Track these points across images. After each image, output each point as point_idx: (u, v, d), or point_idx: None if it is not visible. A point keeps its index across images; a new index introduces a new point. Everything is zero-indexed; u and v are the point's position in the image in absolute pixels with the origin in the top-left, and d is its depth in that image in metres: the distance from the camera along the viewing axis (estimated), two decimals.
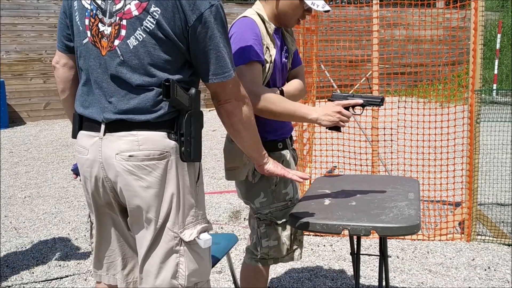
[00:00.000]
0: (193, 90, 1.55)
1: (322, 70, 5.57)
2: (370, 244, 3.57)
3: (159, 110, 1.52)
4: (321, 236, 3.70)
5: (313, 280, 3.04)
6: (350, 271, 3.15)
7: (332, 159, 4.54)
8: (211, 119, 9.91)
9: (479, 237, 3.58)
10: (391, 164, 5.28)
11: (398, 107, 4.47)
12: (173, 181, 1.54)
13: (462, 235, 3.60)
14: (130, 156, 1.50)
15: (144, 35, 1.48)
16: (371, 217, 1.84)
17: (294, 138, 3.90)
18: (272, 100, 1.85)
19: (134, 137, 1.51)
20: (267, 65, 1.93)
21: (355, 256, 2.22)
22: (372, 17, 3.68)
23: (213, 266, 2.26)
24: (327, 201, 2.06)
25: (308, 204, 2.03)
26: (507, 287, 2.93)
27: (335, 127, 1.99)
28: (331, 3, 12.14)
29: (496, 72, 10.77)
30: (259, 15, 1.97)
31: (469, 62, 3.45)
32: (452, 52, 4.32)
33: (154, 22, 1.47)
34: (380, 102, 1.99)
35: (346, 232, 1.80)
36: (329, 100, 2.02)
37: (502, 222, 3.88)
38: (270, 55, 1.94)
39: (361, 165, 4.59)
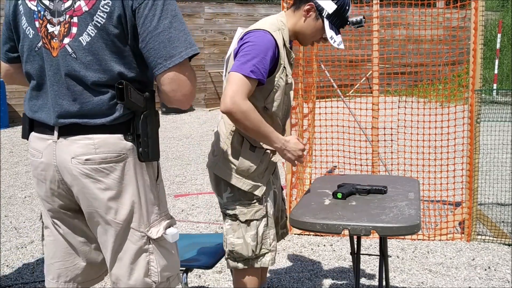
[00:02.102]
0: (148, 92, 1.55)
1: (322, 70, 5.56)
2: (370, 244, 3.57)
3: (114, 113, 1.51)
4: (321, 236, 3.70)
5: (313, 280, 3.04)
6: (350, 271, 3.15)
7: (332, 159, 4.54)
8: (211, 118, 9.91)
9: (479, 237, 3.58)
10: (391, 164, 5.28)
11: (398, 107, 4.47)
12: (132, 182, 1.54)
13: (462, 235, 3.60)
14: (86, 160, 1.50)
15: (96, 31, 1.47)
16: (371, 217, 1.83)
17: None
18: (252, 113, 1.85)
19: (90, 141, 1.50)
20: (282, 84, 1.97)
21: (355, 256, 2.22)
22: (372, 17, 3.68)
23: (212, 266, 2.26)
24: (327, 201, 2.06)
25: (308, 204, 2.03)
26: (507, 287, 2.93)
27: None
28: None
29: (496, 72, 10.77)
30: (283, 35, 1.98)
31: (469, 62, 3.45)
32: (452, 52, 4.32)
33: (105, 16, 1.46)
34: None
35: (346, 232, 1.80)
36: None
37: (502, 222, 3.88)
38: (286, 75, 1.99)
39: (361, 165, 4.59)
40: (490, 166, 5.31)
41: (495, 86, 10.73)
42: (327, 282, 3.01)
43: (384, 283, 2.33)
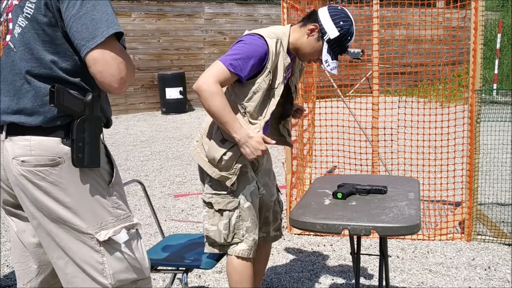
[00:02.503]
0: (89, 96, 1.52)
1: (322, 70, 5.57)
2: (370, 244, 3.57)
3: (48, 113, 1.50)
4: (321, 236, 3.70)
5: (313, 280, 3.04)
6: (350, 271, 3.15)
7: (332, 159, 4.54)
8: None
9: (479, 237, 3.58)
10: (391, 164, 5.28)
11: (398, 107, 4.47)
12: (72, 186, 1.52)
13: (462, 235, 3.60)
14: (22, 161, 1.49)
15: (26, 22, 1.48)
16: (371, 217, 1.84)
17: (294, 138, 3.91)
18: (218, 97, 1.95)
19: (27, 142, 1.50)
20: (264, 87, 2.04)
21: (355, 256, 2.22)
22: (372, 17, 3.68)
23: (212, 266, 2.26)
24: (327, 201, 2.06)
25: (308, 204, 2.03)
26: (507, 287, 2.93)
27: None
28: (331, 2, 12.15)
29: (496, 72, 10.76)
30: (281, 44, 2.06)
31: (469, 62, 3.45)
32: (452, 52, 4.32)
33: (33, 7, 1.47)
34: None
35: (346, 232, 1.80)
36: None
37: (502, 222, 3.88)
38: (272, 82, 2.06)
39: (361, 165, 4.59)
40: (490, 166, 5.30)
41: (495, 86, 10.73)
42: (327, 282, 3.01)
43: (384, 283, 2.33)
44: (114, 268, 1.58)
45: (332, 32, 2.06)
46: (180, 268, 2.25)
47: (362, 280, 3.02)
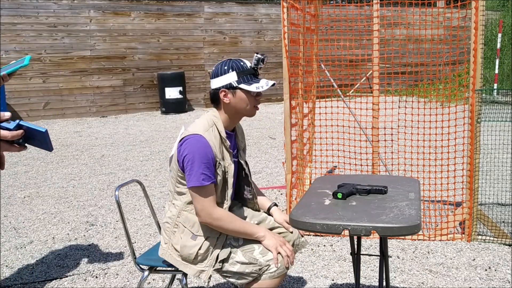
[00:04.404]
0: None
1: (322, 70, 5.56)
2: (370, 244, 3.56)
3: None
4: (321, 236, 3.69)
5: (313, 280, 3.03)
6: (350, 271, 3.14)
7: (332, 159, 4.53)
8: None
9: (479, 237, 3.57)
10: (392, 164, 5.27)
11: (399, 107, 4.47)
12: None
13: (463, 235, 3.59)
14: None
15: None
16: (371, 217, 1.83)
17: (293, 138, 3.90)
18: (224, 219, 2.10)
19: None
20: (219, 178, 2.13)
21: (355, 256, 2.21)
22: (372, 17, 3.67)
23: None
24: (327, 201, 2.05)
25: (308, 204, 2.02)
26: (507, 287, 2.92)
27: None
28: (331, 2, 12.15)
29: (496, 71, 10.76)
30: (217, 128, 2.15)
31: (470, 61, 3.44)
32: (452, 52, 4.31)
33: None
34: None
35: (346, 232, 1.79)
36: None
37: (503, 222, 3.87)
38: (224, 167, 2.15)
39: (361, 165, 4.58)
40: (490, 166, 5.30)
41: (495, 86, 10.72)
42: (327, 282, 3.00)
43: (384, 283, 2.32)
44: None
45: (231, 78, 2.13)
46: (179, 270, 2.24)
47: (362, 281, 3.01)
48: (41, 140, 1.31)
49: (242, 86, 2.12)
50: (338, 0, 13.54)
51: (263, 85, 2.13)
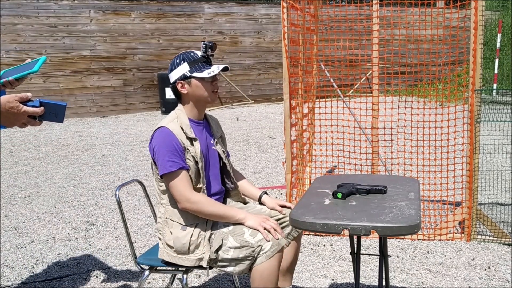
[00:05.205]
0: None
1: (322, 70, 5.56)
2: (370, 244, 3.57)
3: None
4: (321, 236, 3.70)
5: (313, 280, 3.04)
6: (350, 270, 3.15)
7: (332, 158, 4.53)
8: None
9: (479, 236, 3.58)
10: (391, 164, 5.28)
11: (398, 107, 4.47)
12: None
13: (462, 235, 3.60)
14: None
15: None
16: (371, 217, 1.83)
17: (293, 138, 3.91)
18: (203, 202, 2.16)
19: None
20: (191, 163, 2.19)
21: (355, 255, 2.22)
22: (372, 17, 3.67)
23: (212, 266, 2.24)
24: (327, 201, 2.06)
25: (308, 204, 2.03)
26: (507, 287, 2.93)
27: None
28: (331, 2, 12.15)
29: (496, 71, 10.76)
30: (181, 118, 2.25)
31: (469, 61, 3.45)
32: (452, 52, 4.31)
33: None
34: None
35: (346, 232, 1.80)
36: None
37: (502, 221, 3.88)
38: (194, 152, 2.21)
39: (361, 165, 4.59)
40: (490, 166, 5.30)
41: (495, 86, 10.73)
42: (327, 281, 3.01)
43: (384, 283, 2.32)
44: None
45: (184, 69, 2.24)
46: (180, 268, 2.25)
47: (362, 280, 3.02)
48: (58, 113, 1.53)
49: (195, 74, 2.23)
50: (338, 0, 13.54)
51: (214, 69, 2.24)
